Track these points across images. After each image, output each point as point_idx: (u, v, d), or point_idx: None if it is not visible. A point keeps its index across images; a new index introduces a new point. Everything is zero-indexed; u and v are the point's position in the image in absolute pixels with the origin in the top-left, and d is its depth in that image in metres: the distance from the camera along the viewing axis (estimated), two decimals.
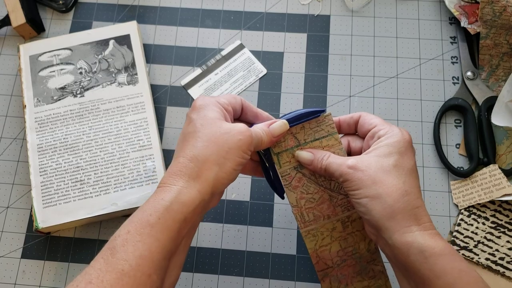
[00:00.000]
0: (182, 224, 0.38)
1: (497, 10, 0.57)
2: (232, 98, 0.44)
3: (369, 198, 0.39)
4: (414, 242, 0.37)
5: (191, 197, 0.38)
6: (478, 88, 0.60)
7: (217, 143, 0.39)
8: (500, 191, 0.54)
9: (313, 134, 0.45)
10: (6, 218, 0.58)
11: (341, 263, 0.46)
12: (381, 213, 0.38)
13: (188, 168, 0.39)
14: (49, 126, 0.58)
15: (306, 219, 0.46)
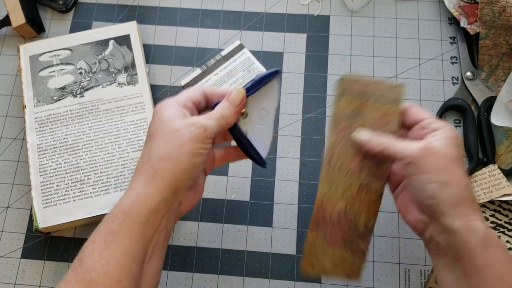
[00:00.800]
0: (146, 226, 0.38)
1: (497, 11, 0.58)
2: (192, 91, 0.44)
3: (438, 183, 0.38)
4: (478, 229, 0.37)
5: (148, 198, 0.38)
6: (477, 88, 0.60)
7: (169, 141, 0.40)
8: (500, 191, 0.54)
9: (380, 96, 0.45)
10: (6, 218, 0.58)
11: (336, 223, 0.45)
12: (449, 199, 0.38)
13: (145, 170, 0.39)
14: (49, 126, 0.58)
15: (332, 164, 0.45)
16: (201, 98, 0.44)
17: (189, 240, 0.56)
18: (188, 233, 0.56)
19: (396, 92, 0.45)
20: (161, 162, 0.39)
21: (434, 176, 0.39)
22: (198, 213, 0.57)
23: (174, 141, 0.40)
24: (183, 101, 0.43)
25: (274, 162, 0.59)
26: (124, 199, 0.39)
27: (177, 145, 0.39)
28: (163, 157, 0.39)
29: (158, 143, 0.40)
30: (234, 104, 0.43)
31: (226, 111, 0.43)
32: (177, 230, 0.56)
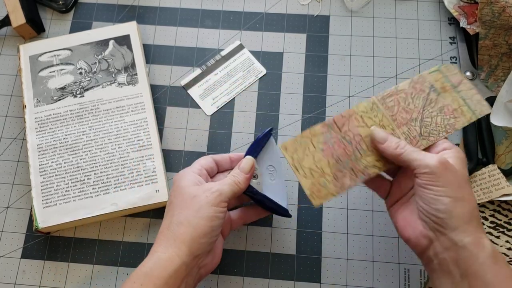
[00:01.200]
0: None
1: (496, 11, 0.58)
2: (204, 160, 0.49)
3: (453, 198, 0.39)
4: (486, 246, 0.39)
5: (169, 261, 0.41)
6: (477, 88, 0.60)
7: (187, 207, 0.43)
8: (499, 191, 0.54)
9: (466, 97, 0.46)
10: (6, 218, 0.58)
11: (346, 141, 0.46)
12: (462, 215, 0.39)
13: (166, 235, 0.43)
14: (49, 126, 0.58)
15: (388, 101, 0.47)
16: (213, 165, 0.49)
17: None
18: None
19: (481, 107, 0.46)
20: (181, 227, 0.42)
21: (450, 190, 0.40)
22: None
23: (192, 206, 0.43)
24: (197, 169, 0.47)
25: None
26: (147, 261, 0.42)
27: (195, 210, 0.43)
28: (182, 222, 0.43)
29: (177, 210, 0.44)
30: (245, 172, 0.48)
31: (239, 178, 0.47)
32: None
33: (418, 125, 0.46)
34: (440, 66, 0.48)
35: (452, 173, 0.40)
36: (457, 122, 0.46)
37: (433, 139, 0.45)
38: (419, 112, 0.46)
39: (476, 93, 0.47)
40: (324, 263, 0.55)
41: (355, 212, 0.56)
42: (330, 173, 0.45)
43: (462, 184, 0.40)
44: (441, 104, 0.46)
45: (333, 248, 0.55)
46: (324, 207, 0.57)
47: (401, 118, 0.46)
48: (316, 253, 0.55)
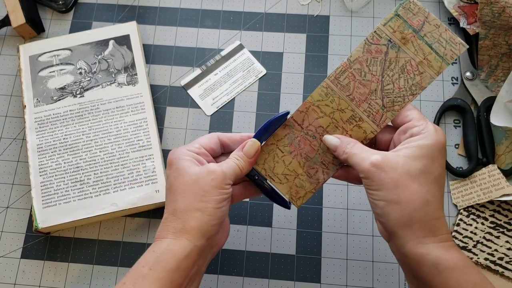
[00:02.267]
0: (175, 273, 0.39)
1: (496, 11, 0.58)
2: (206, 138, 0.45)
3: (387, 202, 0.37)
4: (427, 254, 0.36)
5: (181, 246, 0.40)
6: (477, 89, 0.60)
7: (192, 191, 0.41)
8: (499, 191, 0.54)
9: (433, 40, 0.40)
10: (6, 218, 0.58)
11: (309, 136, 0.43)
12: (398, 220, 0.37)
13: (173, 221, 0.41)
14: (48, 126, 0.58)
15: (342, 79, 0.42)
16: (216, 146, 0.45)
17: None
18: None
19: (451, 49, 0.39)
20: (188, 214, 0.40)
21: (384, 193, 0.37)
22: None
23: (197, 191, 0.41)
24: (195, 149, 0.44)
25: None
26: (157, 247, 0.40)
27: (200, 195, 0.41)
28: (189, 208, 0.41)
29: (181, 195, 0.41)
30: (248, 156, 0.44)
31: (241, 162, 0.43)
32: None
33: (379, 96, 0.41)
34: (397, 7, 0.40)
35: (387, 173, 0.37)
36: (423, 79, 0.39)
37: (398, 107, 0.41)
38: (378, 80, 0.41)
39: (444, 29, 0.39)
40: (324, 263, 0.55)
41: (355, 212, 0.56)
42: (303, 173, 0.44)
43: (402, 184, 0.37)
44: (403, 62, 0.40)
45: (333, 248, 0.55)
46: (324, 207, 0.57)
47: (359, 95, 0.41)
48: (316, 253, 0.55)
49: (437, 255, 0.36)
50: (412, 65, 0.40)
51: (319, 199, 0.57)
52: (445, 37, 0.39)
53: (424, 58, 0.40)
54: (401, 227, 0.37)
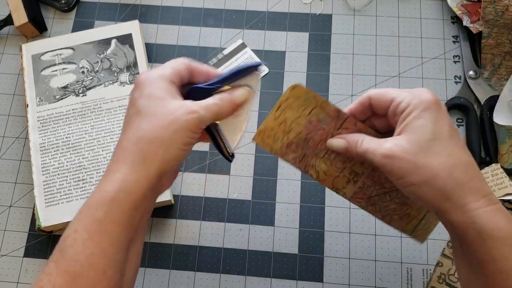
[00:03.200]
0: (133, 213, 0.36)
1: (499, 10, 0.57)
2: (178, 64, 0.40)
3: (416, 185, 0.35)
4: (472, 222, 0.34)
5: (137, 184, 0.36)
6: (480, 87, 0.60)
7: (162, 125, 0.37)
8: (502, 190, 0.54)
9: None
10: (9, 217, 0.58)
11: (329, 134, 0.42)
12: (434, 197, 0.35)
13: (132, 152, 0.36)
14: (51, 125, 0.58)
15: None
16: (186, 73, 0.41)
17: (191, 239, 0.56)
18: (190, 232, 0.56)
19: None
20: (152, 147, 0.36)
21: (409, 179, 0.36)
22: (200, 212, 0.57)
23: (168, 126, 0.37)
24: (170, 76, 0.39)
25: (276, 161, 0.59)
26: (109, 184, 0.36)
27: (170, 131, 0.36)
28: (155, 141, 0.36)
29: (150, 124, 0.37)
30: (236, 103, 0.40)
31: (225, 107, 0.40)
32: (180, 229, 0.57)
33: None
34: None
35: (401, 160, 0.35)
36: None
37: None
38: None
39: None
40: (327, 263, 0.55)
41: (357, 212, 0.56)
42: (289, 139, 0.42)
43: (420, 162, 0.35)
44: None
45: (335, 248, 0.55)
46: (327, 206, 0.57)
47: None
48: (319, 253, 0.55)
49: (481, 223, 0.34)
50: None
51: (322, 198, 0.57)
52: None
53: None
54: (441, 202, 0.35)
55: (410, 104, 0.37)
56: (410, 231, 0.44)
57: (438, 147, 0.35)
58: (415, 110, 0.36)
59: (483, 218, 0.34)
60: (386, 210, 0.44)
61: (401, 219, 0.44)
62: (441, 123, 0.36)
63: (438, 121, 0.36)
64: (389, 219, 0.44)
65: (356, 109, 0.42)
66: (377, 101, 0.40)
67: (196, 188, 0.58)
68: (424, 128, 0.36)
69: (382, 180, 0.43)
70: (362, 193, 0.43)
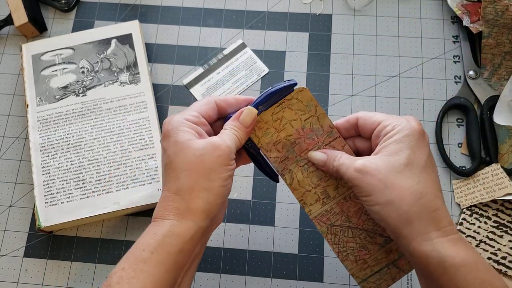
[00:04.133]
0: (179, 256, 0.37)
1: (499, 9, 0.57)
2: (203, 105, 0.41)
3: (381, 205, 0.36)
4: (432, 251, 0.35)
5: (185, 228, 0.37)
6: (480, 87, 0.60)
7: (197, 169, 0.37)
8: (502, 190, 0.54)
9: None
10: (9, 217, 0.58)
11: (320, 145, 0.42)
12: (396, 220, 0.36)
13: (176, 201, 0.38)
14: (51, 125, 0.58)
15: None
16: (214, 113, 0.42)
17: None
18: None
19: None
20: (194, 193, 0.37)
21: (375, 197, 0.36)
22: None
23: (203, 169, 0.37)
24: (193, 118, 0.40)
25: None
26: (157, 229, 0.37)
27: (206, 173, 0.37)
28: (194, 188, 0.37)
29: (184, 172, 0.38)
30: (245, 125, 0.41)
31: (239, 133, 0.40)
32: None
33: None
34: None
35: (372, 177, 0.36)
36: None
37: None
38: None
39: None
40: (327, 262, 0.55)
41: None
42: (278, 137, 0.42)
43: (390, 183, 0.36)
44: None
45: None
46: None
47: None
48: (319, 252, 0.55)
49: (442, 251, 0.35)
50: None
51: None
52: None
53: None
54: (402, 227, 0.36)
55: (395, 127, 0.38)
56: (360, 279, 0.43)
57: (410, 173, 0.36)
58: (397, 134, 0.37)
59: (444, 246, 0.35)
60: (345, 246, 0.43)
61: (356, 262, 0.43)
62: (419, 152, 0.37)
63: (417, 149, 0.37)
64: (345, 257, 0.43)
65: (342, 125, 0.43)
66: (364, 122, 0.41)
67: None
68: (401, 153, 0.37)
69: (351, 214, 0.43)
70: (327, 218, 0.43)
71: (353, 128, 0.42)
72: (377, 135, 0.39)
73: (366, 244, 0.43)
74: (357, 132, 0.43)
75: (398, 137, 0.37)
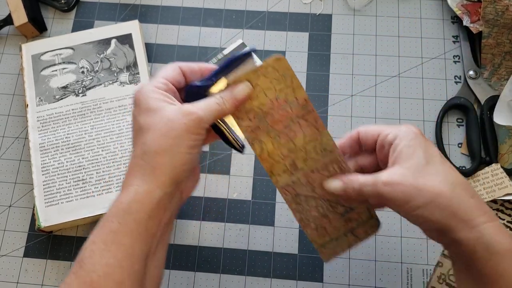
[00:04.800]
0: (148, 223, 0.37)
1: (499, 9, 0.57)
2: (170, 71, 0.41)
3: (422, 207, 0.36)
4: (480, 237, 0.35)
5: (149, 194, 0.37)
6: (480, 87, 0.60)
7: (164, 134, 0.37)
8: (502, 190, 0.54)
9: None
10: (9, 217, 0.58)
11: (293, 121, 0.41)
12: (441, 216, 0.36)
13: (140, 166, 0.37)
14: (51, 125, 0.58)
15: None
16: (180, 77, 0.41)
17: (191, 239, 0.56)
18: (190, 232, 0.56)
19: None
20: (158, 157, 0.37)
21: (412, 204, 0.36)
22: (200, 212, 0.57)
23: (169, 133, 0.37)
24: (162, 84, 0.40)
25: None
26: (123, 197, 0.37)
27: (172, 138, 0.37)
28: (159, 152, 0.37)
29: (151, 137, 0.37)
30: (238, 99, 0.40)
31: (227, 104, 0.39)
32: (179, 229, 0.57)
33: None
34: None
35: (403, 184, 0.36)
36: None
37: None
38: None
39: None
40: (327, 262, 0.55)
41: None
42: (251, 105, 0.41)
43: (421, 184, 0.36)
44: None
45: None
46: None
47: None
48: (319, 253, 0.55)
49: (489, 238, 0.35)
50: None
51: None
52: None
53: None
54: (449, 220, 0.36)
55: (397, 135, 0.39)
56: (319, 245, 0.44)
57: (434, 170, 0.37)
58: (404, 140, 0.38)
59: (490, 232, 0.35)
60: (307, 214, 0.43)
61: (316, 229, 0.44)
62: (430, 149, 0.38)
63: (428, 148, 0.38)
64: (305, 225, 0.44)
65: (346, 143, 0.43)
66: (365, 134, 0.42)
67: (196, 188, 0.58)
68: (417, 155, 0.37)
69: (316, 185, 0.43)
70: (292, 188, 0.43)
71: (357, 144, 0.43)
72: (381, 145, 0.40)
73: (327, 213, 0.43)
74: (360, 148, 0.43)
75: (406, 142, 0.38)
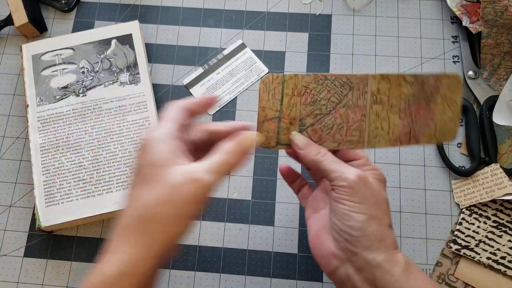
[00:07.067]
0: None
1: (499, 10, 0.58)
2: (175, 113, 0.38)
3: (368, 216, 0.38)
4: (400, 261, 0.38)
5: (142, 267, 0.33)
6: (479, 87, 0.60)
7: (165, 200, 0.33)
8: (502, 190, 0.54)
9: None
10: (9, 217, 0.58)
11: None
12: (375, 233, 0.38)
13: (132, 230, 0.34)
14: (51, 125, 0.58)
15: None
16: (186, 115, 0.39)
17: (191, 239, 0.56)
18: (190, 232, 0.57)
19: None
20: (156, 226, 0.33)
21: (366, 207, 0.38)
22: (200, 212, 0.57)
23: (175, 199, 0.33)
24: (172, 130, 0.36)
25: (275, 161, 0.59)
26: (107, 267, 0.33)
27: (174, 208, 0.33)
28: (157, 220, 0.33)
29: (152, 199, 0.34)
30: (247, 152, 0.37)
31: (236, 159, 0.37)
32: None
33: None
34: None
35: (370, 190, 0.38)
36: None
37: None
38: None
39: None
40: None
41: None
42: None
43: (379, 203, 0.39)
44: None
45: None
46: None
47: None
48: None
49: (405, 258, 0.38)
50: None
51: None
52: None
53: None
54: (377, 241, 0.37)
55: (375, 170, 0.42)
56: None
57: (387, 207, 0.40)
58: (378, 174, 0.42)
59: (404, 256, 0.39)
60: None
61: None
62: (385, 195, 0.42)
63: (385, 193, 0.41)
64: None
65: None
66: (351, 151, 0.44)
67: None
68: (383, 190, 0.41)
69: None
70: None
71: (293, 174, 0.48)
72: (358, 164, 0.42)
73: None
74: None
75: (380, 178, 0.41)
